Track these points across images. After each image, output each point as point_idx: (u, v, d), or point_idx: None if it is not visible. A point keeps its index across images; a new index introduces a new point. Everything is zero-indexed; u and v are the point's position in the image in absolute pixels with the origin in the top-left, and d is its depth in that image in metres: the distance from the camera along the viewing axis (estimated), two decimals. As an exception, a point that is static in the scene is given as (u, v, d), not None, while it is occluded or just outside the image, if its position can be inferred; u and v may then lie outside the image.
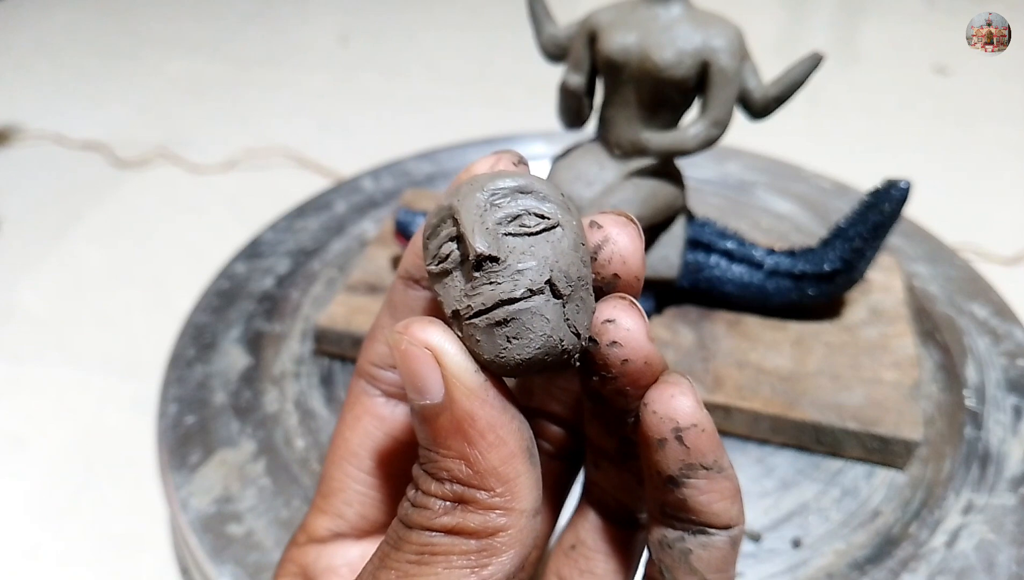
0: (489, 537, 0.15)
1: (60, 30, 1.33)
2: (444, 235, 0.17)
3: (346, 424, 0.20)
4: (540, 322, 0.15)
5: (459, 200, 0.16)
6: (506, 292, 0.15)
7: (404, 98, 1.13)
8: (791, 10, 1.47)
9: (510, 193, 0.16)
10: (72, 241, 0.85)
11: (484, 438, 0.15)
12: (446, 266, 0.16)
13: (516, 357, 0.15)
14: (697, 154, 0.44)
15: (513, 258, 0.16)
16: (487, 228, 0.16)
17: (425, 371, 0.16)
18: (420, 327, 0.16)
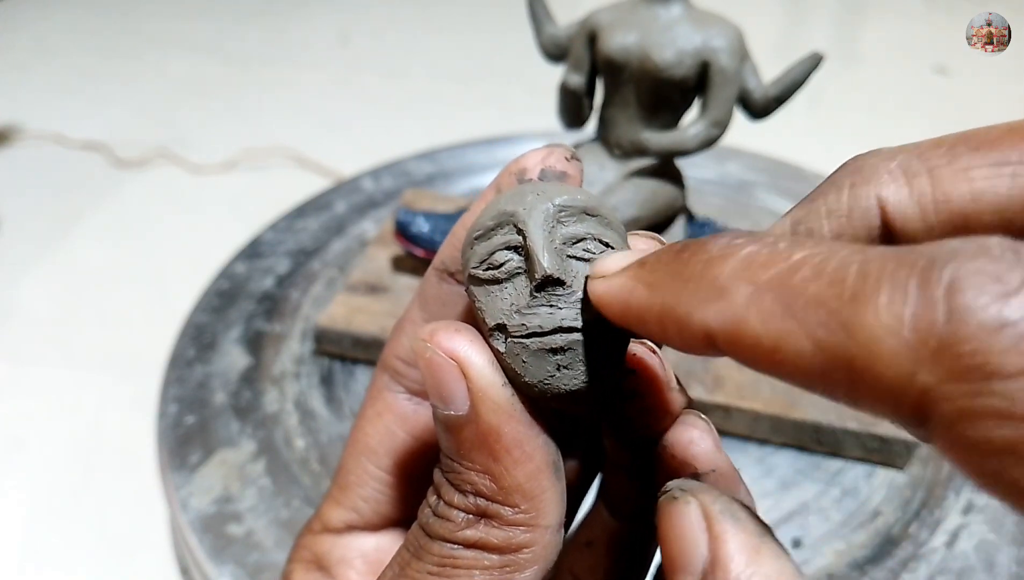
0: (512, 553, 0.15)
1: (60, 30, 1.33)
2: (500, 242, 0.16)
3: (366, 418, 0.20)
4: (593, 352, 0.15)
5: (525, 209, 0.15)
6: (567, 319, 0.15)
7: (404, 98, 1.13)
8: (791, 10, 1.47)
9: (577, 212, 0.16)
10: (72, 241, 0.85)
11: (510, 454, 0.15)
12: (497, 274, 0.15)
13: (563, 387, 0.15)
14: (697, 154, 0.44)
15: (577, 285, 0.15)
16: (556, 247, 0.15)
17: (450, 382, 0.15)
18: (446, 335, 0.15)
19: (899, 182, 0.14)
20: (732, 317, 0.11)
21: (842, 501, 0.42)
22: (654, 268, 0.13)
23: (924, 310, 0.09)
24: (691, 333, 0.12)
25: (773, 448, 0.44)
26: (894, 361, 0.09)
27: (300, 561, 0.21)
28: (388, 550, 0.20)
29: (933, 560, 0.38)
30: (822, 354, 0.10)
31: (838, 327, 0.10)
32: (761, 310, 0.11)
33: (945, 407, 0.09)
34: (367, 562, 0.20)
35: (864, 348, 0.10)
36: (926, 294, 0.09)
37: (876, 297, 0.10)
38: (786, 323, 0.11)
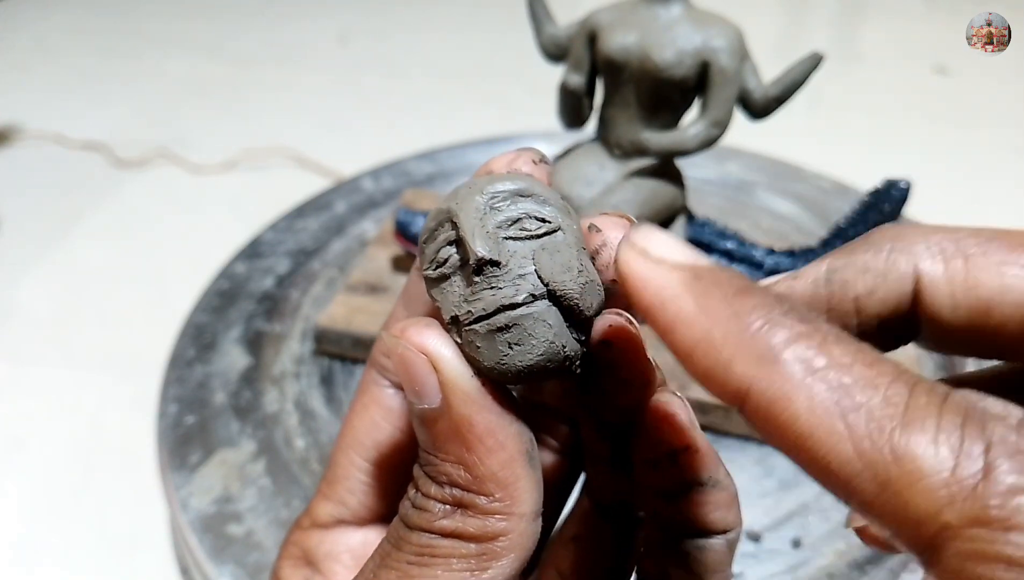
0: (489, 541, 0.15)
1: (60, 30, 1.33)
2: (442, 239, 0.16)
3: (355, 412, 0.20)
4: (542, 328, 0.15)
5: (457, 203, 0.16)
6: (507, 297, 0.15)
7: (404, 98, 1.13)
8: (791, 10, 1.47)
9: (510, 196, 0.16)
10: (72, 241, 0.85)
11: (482, 443, 0.15)
12: (444, 271, 0.16)
13: (518, 364, 0.15)
14: (697, 154, 0.44)
15: (514, 262, 0.15)
16: (487, 232, 0.15)
17: (422, 376, 0.15)
18: (416, 331, 0.16)
19: (936, 258, 0.15)
20: (779, 389, 0.12)
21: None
22: (710, 290, 0.13)
23: (965, 461, 0.11)
24: (725, 381, 0.12)
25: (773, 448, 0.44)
26: (929, 495, 0.11)
27: (289, 557, 0.21)
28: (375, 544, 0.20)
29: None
30: (861, 463, 0.11)
31: (886, 448, 0.11)
32: (811, 397, 0.12)
33: (961, 546, 0.10)
34: (354, 557, 0.20)
35: (906, 475, 0.11)
36: (969, 447, 0.11)
37: (925, 433, 0.11)
38: (834, 421, 0.11)
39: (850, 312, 0.16)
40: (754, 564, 0.38)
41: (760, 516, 0.41)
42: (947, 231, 0.15)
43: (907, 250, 0.15)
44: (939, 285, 0.15)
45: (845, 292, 0.16)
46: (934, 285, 0.15)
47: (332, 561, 0.20)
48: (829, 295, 0.16)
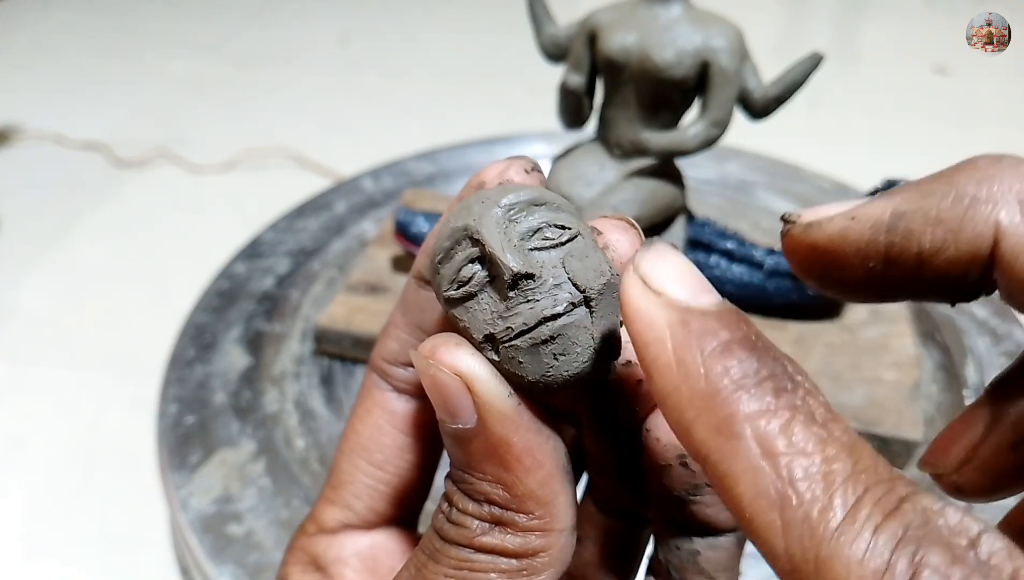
0: (529, 558, 0.15)
1: (60, 30, 1.33)
2: (462, 258, 0.16)
3: (357, 417, 0.20)
4: (585, 335, 0.15)
5: (475, 219, 0.16)
6: (548, 308, 0.15)
7: (404, 98, 1.13)
8: (791, 10, 1.47)
9: (525, 206, 0.16)
10: (72, 241, 0.85)
11: (520, 463, 0.15)
12: (469, 289, 0.16)
13: (565, 373, 0.15)
14: (697, 154, 0.44)
15: (547, 273, 0.15)
16: (514, 245, 0.15)
17: (456, 397, 0.15)
18: (447, 351, 0.15)
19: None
20: (729, 467, 0.12)
21: (842, 501, 0.42)
22: (690, 343, 0.12)
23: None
24: (687, 441, 0.12)
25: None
26: None
27: (296, 563, 0.21)
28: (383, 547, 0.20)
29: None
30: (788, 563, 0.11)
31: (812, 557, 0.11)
32: (755, 485, 0.11)
33: None
34: (362, 560, 0.20)
35: None
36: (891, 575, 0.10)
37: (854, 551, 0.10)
38: (771, 514, 0.11)
39: (910, 266, 0.14)
40: (754, 564, 0.38)
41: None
42: None
43: (992, 199, 0.13)
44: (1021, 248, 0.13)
45: (908, 244, 0.14)
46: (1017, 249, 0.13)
47: (341, 565, 0.20)
48: (889, 245, 0.14)
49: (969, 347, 0.50)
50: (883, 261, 0.14)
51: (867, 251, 0.14)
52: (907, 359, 0.46)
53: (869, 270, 0.14)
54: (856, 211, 0.14)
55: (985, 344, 0.51)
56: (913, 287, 0.15)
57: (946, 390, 0.48)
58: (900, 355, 0.47)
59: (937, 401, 0.47)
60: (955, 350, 0.50)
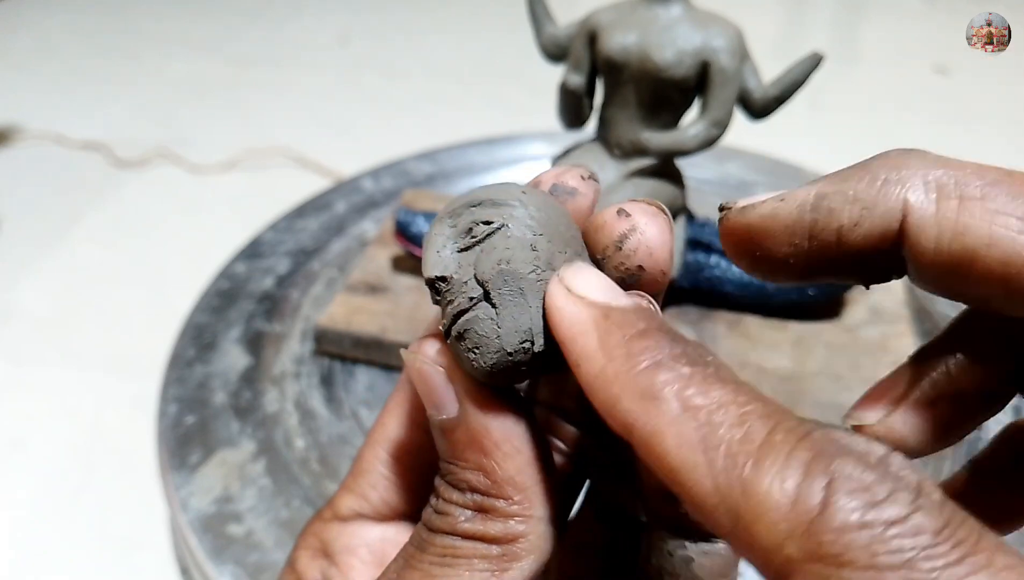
0: (510, 543, 0.16)
1: (60, 30, 1.33)
2: None
3: (387, 410, 0.21)
4: (490, 327, 0.16)
5: (427, 231, 0.17)
6: (456, 306, 0.16)
7: (404, 98, 1.13)
8: (791, 10, 1.47)
9: (463, 209, 0.17)
10: (72, 241, 0.85)
11: (499, 449, 0.16)
12: (432, 296, 0.17)
13: (483, 365, 0.16)
14: (697, 154, 0.44)
15: (461, 273, 0.16)
16: (438, 252, 0.16)
17: (439, 388, 0.16)
18: (432, 345, 0.16)
19: (930, 197, 0.15)
20: (654, 425, 0.13)
21: (842, 501, 0.42)
22: (611, 330, 0.14)
23: (805, 495, 0.11)
24: (613, 414, 0.13)
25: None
26: (772, 528, 0.11)
27: (307, 548, 0.21)
28: (393, 541, 0.20)
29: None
30: (717, 497, 0.12)
31: (737, 482, 0.12)
32: (680, 433, 0.12)
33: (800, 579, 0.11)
34: (372, 551, 0.20)
35: (751, 510, 0.11)
36: (809, 483, 0.11)
37: (772, 469, 0.11)
38: (696, 456, 0.12)
39: (832, 242, 0.15)
40: (754, 564, 0.38)
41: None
42: (952, 166, 0.15)
43: (902, 181, 0.15)
44: (926, 225, 0.14)
45: (829, 221, 0.15)
46: (921, 224, 0.15)
47: (349, 555, 0.20)
48: (813, 222, 0.16)
49: (969, 347, 0.50)
50: (807, 237, 0.16)
51: (794, 228, 0.16)
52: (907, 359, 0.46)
53: (795, 247, 0.16)
54: (785, 194, 0.16)
55: (985, 344, 0.51)
56: (834, 264, 0.16)
57: (946, 390, 0.48)
58: (900, 355, 0.46)
59: (937, 401, 0.47)
60: (955, 350, 0.50)
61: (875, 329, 0.48)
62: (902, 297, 0.51)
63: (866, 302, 0.50)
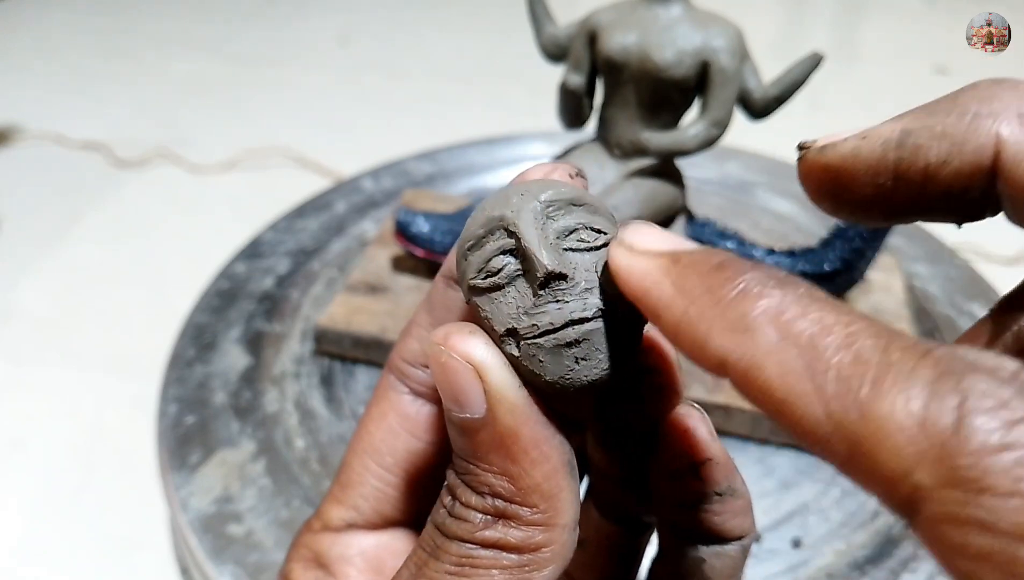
0: (531, 552, 0.15)
1: (60, 30, 1.33)
2: (494, 248, 0.16)
3: (371, 418, 0.20)
4: (603, 342, 0.15)
5: (513, 211, 0.15)
6: (576, 311, 0.15)
7: (404, 98, 1.13)
8: (791, 10, 1.47)
9: (564, 205, 0.16)
10: (72, 241, 0.85)
11: (527, 455, 0.15)
12: (497, 281, 0.15)
13: (583, 378, 0.15)
14: (697, 154, 0.44)
15: (579, 275, 0.15)
16: (551, 243, 0.15)
17: (467, 385, 0.15)
18: (461, 339, 0.15)
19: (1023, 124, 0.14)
20: (752, 357, 0.12)
21: (842, 501, 0.42)
22: (686, 272, 0.13)
23: (935, 416, 0.10)
24: (705, 353, 0.12)
25: (773, 448, 0.44)
26: (898, 454, 0.10)
27: (299, 560, 0.21)
28: (388, 548, 0.20)
29: (933, 560, 0.38)
30: (831, 424, 0.11)
31: (853, 406, 0.11)
32: (782, 361, 0.11)
33: (935, 508, 0.10)
34: (366, 559, 0.20)
35: (873, 434, 0.10)
36: (939, 402, 0.10)
37: (894, 389, 0.10)
38: (803, 384, 0.11)
39: (918, 182, 0.15)
40: (754, 564, 0.38)
41: (760, 516, 0.41)
42: None
43: (995, 114, 0.14)
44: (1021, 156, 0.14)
45: (916, 159, 0.14)
46: (1018, 158, 0.14)
47: (345, 564, 0.20)
48: (898, 161, 0.15)
49: (969, 347, 0.50)
50: (892, 176, 0.15)
51: (878, 168, 0.15)
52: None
53: (879, 187, 0.15)
54: (867, 132, 0.15)
55: (985, 344, 0.51)
56: (921, 204, 0.15)
57: (946, 390, 0.48)
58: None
59: (937, 401, 0.47)
60: (955, 350, 0.50)
61: (875, 329, 0.48)
62: (902, 297, 0.51)
63: (866, 302, 0.50)
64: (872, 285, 0.52)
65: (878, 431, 0.10)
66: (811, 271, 0.47)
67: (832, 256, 0.47)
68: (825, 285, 0.47)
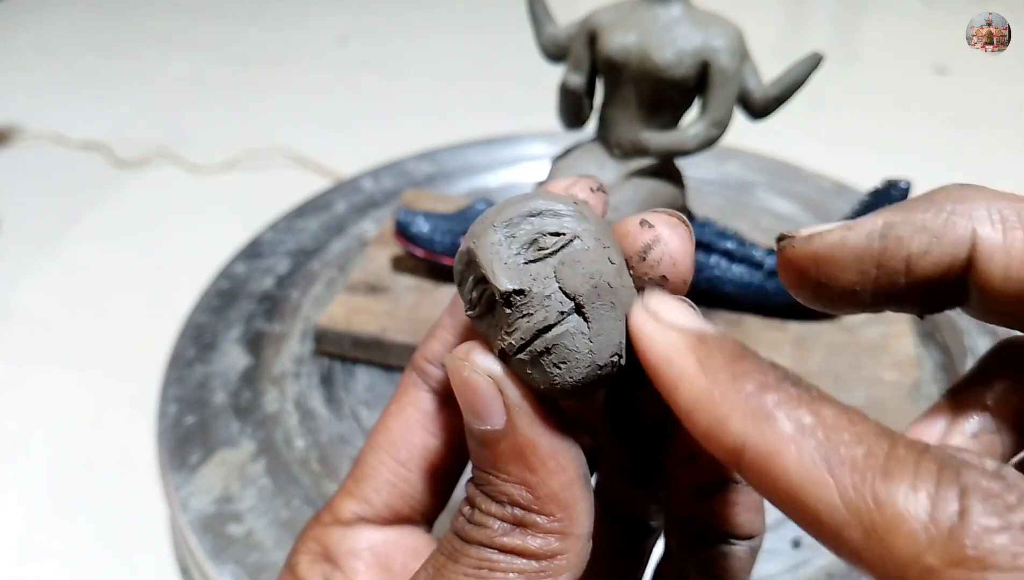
0: (548, 559, 0.16)
1: (60, 30, 1.33)
2: (472, 280, 0.17)
3: (390, 413, 0.21)
4: (581, 341, 0.15)
5: (475, 241, 0.16)
6: (540, 321, 0.15)
7: (404, 98, 1.13)
8: (791, 10, 1.47)
9: (521, 219, 0.16)
10: (72, 241, 0.85)
11: (545, 465, 0.16)
12: (482, 309, 0.16)
13: (570, 380, 0.16)
14: (697, 154, 0.44)
15: (538, 285, 0.16)
16: (505, 263, 0.16)
17: (487, 398, 0.16)
18: (482, 355, 0.16)
19: (996, 227, 0.15)
20: (771, 444, 0.13)
21: (842, 501, 0.42)
22: (712, 353, 0.14)
23: (941, 505, 0.12)
24: (723, 434, 0.13)
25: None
26: (911, 539, 0.11)
27: (307, 552, 0.21)
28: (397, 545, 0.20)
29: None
30: (847, 511, 0.12)
31: (869, 495, 0.12)
32: (801, 450, 0.13)
33: None
34: (375, 554, 0.20)
35: (887, 522, 0.12)
36: (944, 493, 0.12)
37: (904, 481, 0.12)
38: (821, 473, 0.12)
39: (900, 270, 0.16)
40: (754, 564, 0.38)
41: (760, 516, 0.41)
42: (1013, 199, 0.15)
43: (968, 213, 0.15)
44: (995, 253, 0.15)
45: (899, 249, 0.16)
46: (990, 252, 0.15)
47: (353, 558, 0.20)
48: (882, 250, 0.16)
49: (969, 347, 0.50)
50: (876, 265, 0.16)
51: (863, 256, 0.16)
52: (907, 359, 0.46)
53: (863, 275, 0.16)
54: (851, 223, 0.17)
55: (985, 344, 0.51)
56: (898, 293, 0.16)
57: (946, 390, 0.48)
58: (900, 355, 0.47)
59: (937, 401, 0.47)
60: (955, 350, 0.50)
61: (875, 329, 0.48)
62: (902, 297, 0.51)
63: (866, 302, 0.50)
64: (872, 285, 0.52)
65: (893, 518, 0.12)
66: (811, 271, 0.47)
67: (832, 256, 0.47)
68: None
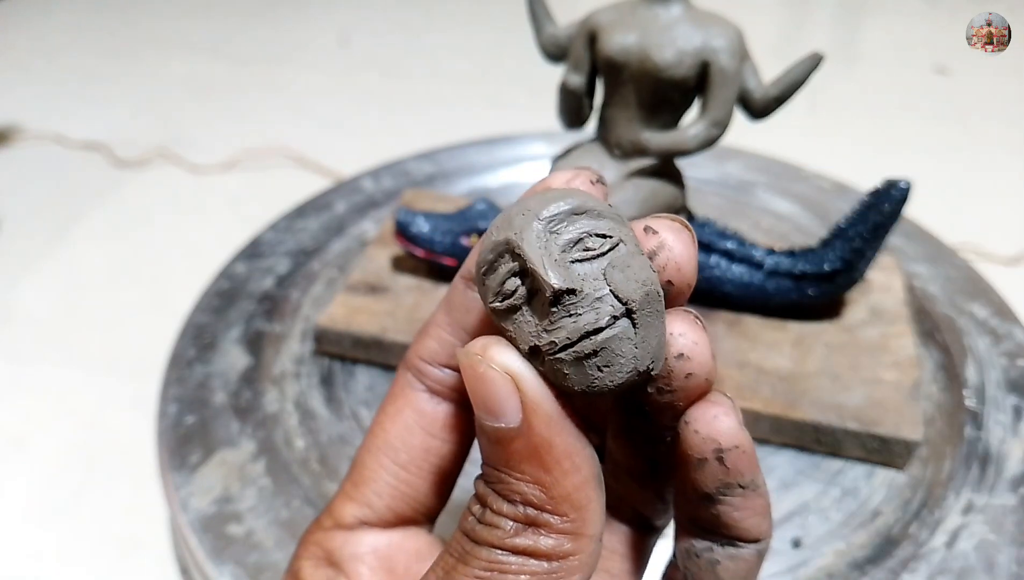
0: (560, 560, 0.16)
1: (60, 30, 1.33)
2: (505, 271, 0.16)
3: (386, 415, 0.20)
4: (628, 347, 0.15)
5: (516, 233, 0.16)
6: (590, 323, 0.15)
7: (404, 98, 1.13)
8: (791, 10, 1.47)
9: (566, 217, 0.16)
10: (72, 241, 0.85)
11: (560, 465, 0.16)
12: (513, 302, 0.16)
13: (609, 384, 0.15)
14: (697, 154, 0.44)
15: (588, 286, 0.15)
16: (555, 259, 0.15)
17: (503, 395, 0.16)
18: (499, 350, 0.16)
19: None
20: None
21: (842, 501, 0.42)
22: None
23: None
24: None
25: (773, 448, 0.44)
26: None
27: (309, 557, 0.21)
28: (401, 547, 0.20)
29: (933, 560, 0.38)
30: None
31: None
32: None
33: None
34: (379, 558, 0.20)
35: None
36: None
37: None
38: None
39: None
40: (754, 564, 0.38)
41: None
42: None
43: None
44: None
45: None
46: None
47: (356, 562, 0.20)
48: None
49: (969, 347, 0.50)
50: None
51: None
52: (907, 359, 0.46)
53: None
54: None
55: (985, 344, 0.51)
56: None
57: (946, 390, 0.48)
58: (900, 355, 0.47)
59: (937, 401, 0.47)
60: (955, 350, 0.50)
61: (875, 329, 0.48)
62: (902, 297, 0.51)
63: (866, 302, 0.50)
64: (872, 285, 0.52)
65: None
66: (811, 271, 0.47)
67: (832, 256, 0.47)
68: (825, 285, 0.47)
